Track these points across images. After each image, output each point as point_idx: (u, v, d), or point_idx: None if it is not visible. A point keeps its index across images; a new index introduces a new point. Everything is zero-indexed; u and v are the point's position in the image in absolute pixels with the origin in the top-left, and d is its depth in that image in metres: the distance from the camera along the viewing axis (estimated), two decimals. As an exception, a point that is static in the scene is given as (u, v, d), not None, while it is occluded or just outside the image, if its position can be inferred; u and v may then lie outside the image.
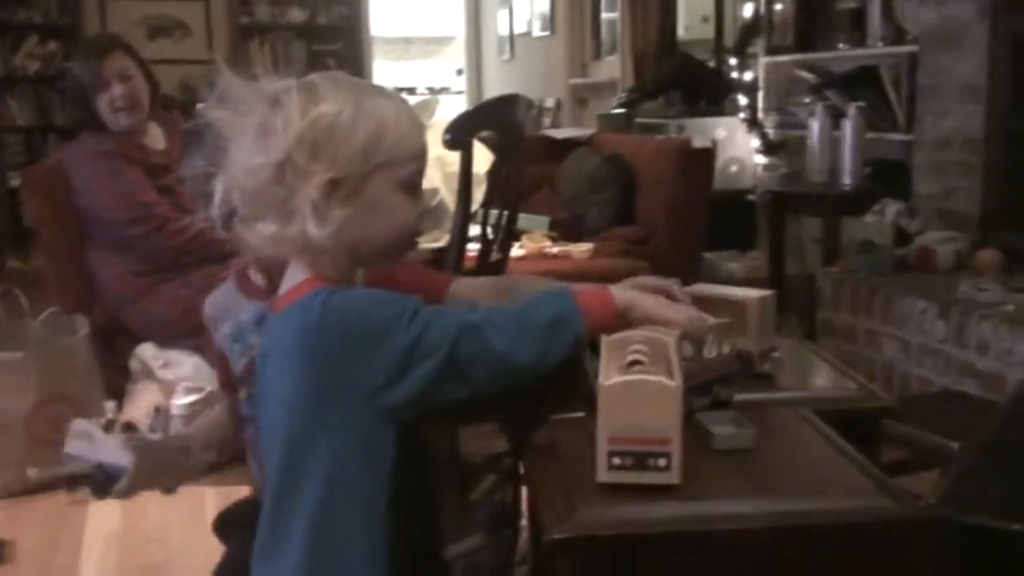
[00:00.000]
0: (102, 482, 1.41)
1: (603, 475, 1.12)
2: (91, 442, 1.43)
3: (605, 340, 1.23)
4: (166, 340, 3.20)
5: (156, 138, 3.33)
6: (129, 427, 1.46)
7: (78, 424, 1.47)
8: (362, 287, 1.23)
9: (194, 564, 2.56)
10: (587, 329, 1.15)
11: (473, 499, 1.58)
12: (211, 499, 2.87)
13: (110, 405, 3.07)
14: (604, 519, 1.08)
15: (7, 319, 3.17)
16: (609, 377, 1.13)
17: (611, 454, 1.12)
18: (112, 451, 1.40)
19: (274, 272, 1.40)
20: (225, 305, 1.49)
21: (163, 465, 1.43)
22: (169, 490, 1.51)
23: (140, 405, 3.12)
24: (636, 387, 1.11)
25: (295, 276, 1.19)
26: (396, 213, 1.19)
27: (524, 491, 1.39)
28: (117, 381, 3.25)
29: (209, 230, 3.10)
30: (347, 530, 1.13)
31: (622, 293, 1.20)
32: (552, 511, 1.12)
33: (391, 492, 1.14)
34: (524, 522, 1.54)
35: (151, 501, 2.87)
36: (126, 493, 1.40)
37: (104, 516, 2.85)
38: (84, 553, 2.63)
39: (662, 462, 1.11)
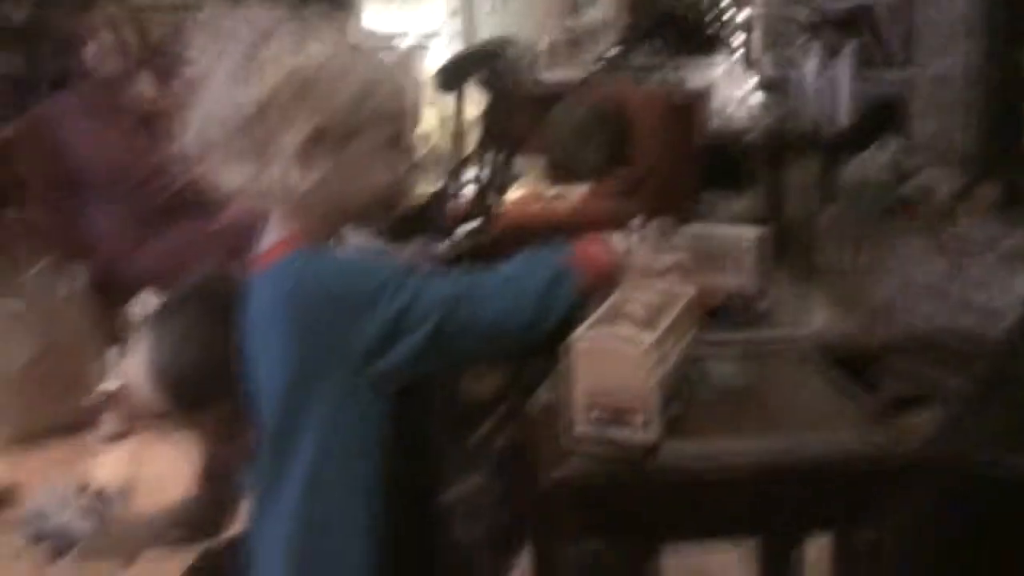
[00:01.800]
0: (61, 545, 1.41)
1: (579, 430, 1.09)
2: (58, 504, 1.42)
3: (621, 288, 1.19)
4: (162, 290, 3.20)
5: (146, 86, 3.30)
6: (100, 495, 1.45)
7: (47, 490, 1.46)
8: (346, 249, 1.17)
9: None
10: (584, 287, 1.11)
11: (474, 441, 1.58)
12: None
13: (110, 353, 3.07)
14: (599, 460, 1.08)
15: (2, 271, 3.16)
16: (587, 331, 1.09)
17: (586, 409, 1.08)
18: (74, 517, 1.40)
19: None
20: None
21: (120, 541, 1.43)
22: (127, 562, 1.52)
23: (138, 352, 3.12)
24: (606, 343, 1.07)
25: (275, 230, 1.13)
26: (381, 170, 1.12)
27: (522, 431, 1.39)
28: (115, 331, 3.25)
29: (196, 183, 3.09)
30: (341, 496, 1.10)
31: (616, 245, 1.17)
32: (549, 453, 1.12)
33: (384, 452, 1.11)
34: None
35: (156, 445, 2.90)
36: (81, 559, 1.40)
37: (112, 460, 2.87)
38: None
39: (637, 420, 1.06)
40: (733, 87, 4.79)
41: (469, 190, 2.95)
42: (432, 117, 3.44)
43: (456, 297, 1.07)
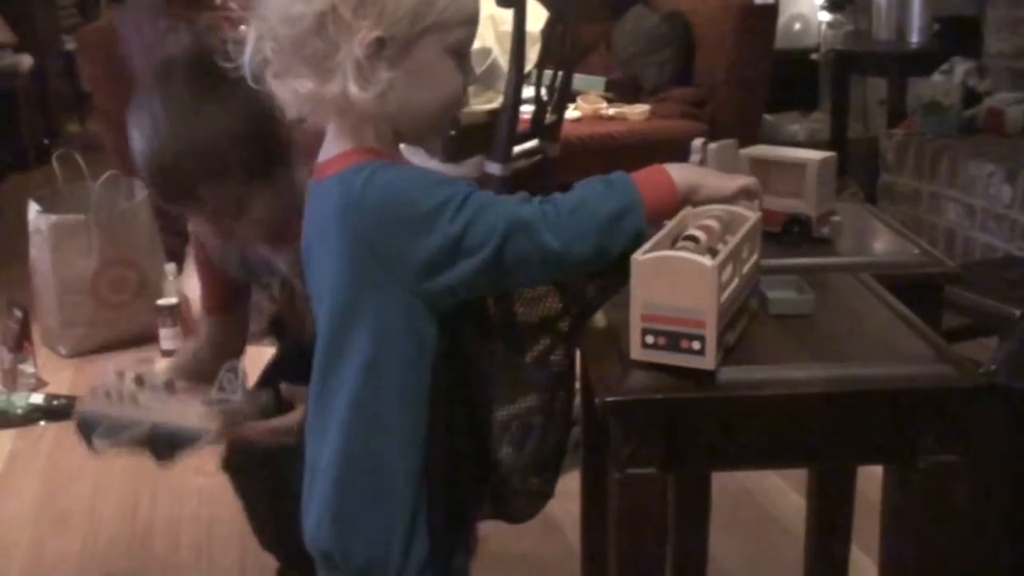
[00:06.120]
0: (167, 445, 1.33)
1: (636, 352, 1.08)
2: (135, 403, 1.35)
3: (683, 210, 1.16)
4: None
5: (208, -2, 3.28)
6: (169, 385, 1.38)
7: (110, 384, 1.37)
8: (408, 164, 1.15)
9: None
10: (649, 219, 1.09)
11: (527, 361, 1.58)
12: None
13: (170, 267, 3.12)
14: (655, 383, 1.07)
15: (66, 183, 3.21)
16: (650, 251, 1.06)
17: (644, 332, 1.06)
18: (180, 415, 1.33)
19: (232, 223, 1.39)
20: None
21: (238, 424, 1.37)
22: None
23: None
24: (668, 264, 1.04)
25: (336, 143, 1.13)
26: (443, 81, 1.11)
27: (578, 353, 1.39)
28: (176, 244, 3.30)
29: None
30: (390, 406, 1.11)
31: (682, 175, 1.14)
32: (604, 375, 1.12)
33: (436, 367, 1.12)
34: (578, 384, 1.55)
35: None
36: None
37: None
38: (151, 410, 2.72)
39: (696, 345, 1.04)
40: (801, 3, 4.66)
41: (528, 109, 2.92)
42: (491, 32, 3.39)
43: (518, 223, 1.06)
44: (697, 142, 1.55)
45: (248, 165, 1.35)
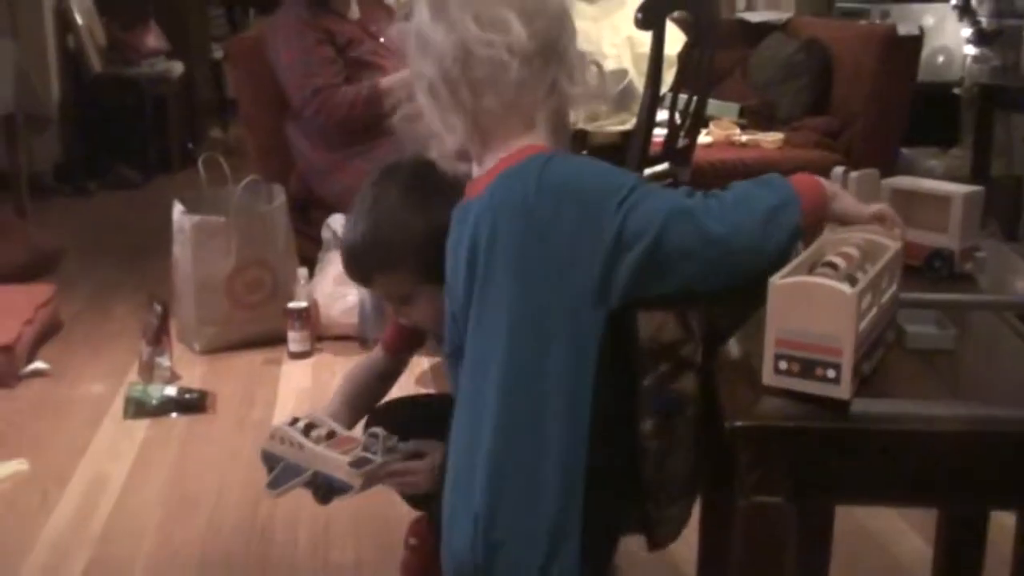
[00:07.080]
0: (325, 490, 1.50)
1: (768, 378, 1.07)
2: (301, 450, 1.51)
3: (824, 235, 1.17)
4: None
5: (351, 6, 3.38)
6: (331, 435, 1.54)
7: (284, 431, 1.54)
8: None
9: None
10: (804, 217, 1.12)
11: (645, 385, 1.59)
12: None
13: (302, 272, 3.20)
14: (786, 411, 1.06)
15: (209, 185, 3.33)
16: (788, 275, 1.06)
17: (777, 357, 1.06)
18: (334, 468, 1.47)
19: None
20: None
21: (378, 479, 1.51)
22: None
23: (329, 273, 3.25)
24: (806, 289, 1.03)
25: (503, 148, 1.18)
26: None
27: (697, 380, 1.37)
28: (309, 250, 3.38)
29: (367, 95, 3.19)
30: (548, 416, 1.13)
31: (827, 182, 1.18)
32: (734, 400, 1.11)
33: (597, 372, 1.14)
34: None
35: (339, 364, 3.02)
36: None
37: (296, 374, 3.02)
38: (278, 407, 2.79)
39: (831, 373, 1.03)
40: (947, 35, 4.54)
41: (660, 132, 2.91)
42: (627, 54, 3.40)
43: (681, 209, 1.09)
44: (838, 170, 1.53)
45: (419, 269, 1.45)
